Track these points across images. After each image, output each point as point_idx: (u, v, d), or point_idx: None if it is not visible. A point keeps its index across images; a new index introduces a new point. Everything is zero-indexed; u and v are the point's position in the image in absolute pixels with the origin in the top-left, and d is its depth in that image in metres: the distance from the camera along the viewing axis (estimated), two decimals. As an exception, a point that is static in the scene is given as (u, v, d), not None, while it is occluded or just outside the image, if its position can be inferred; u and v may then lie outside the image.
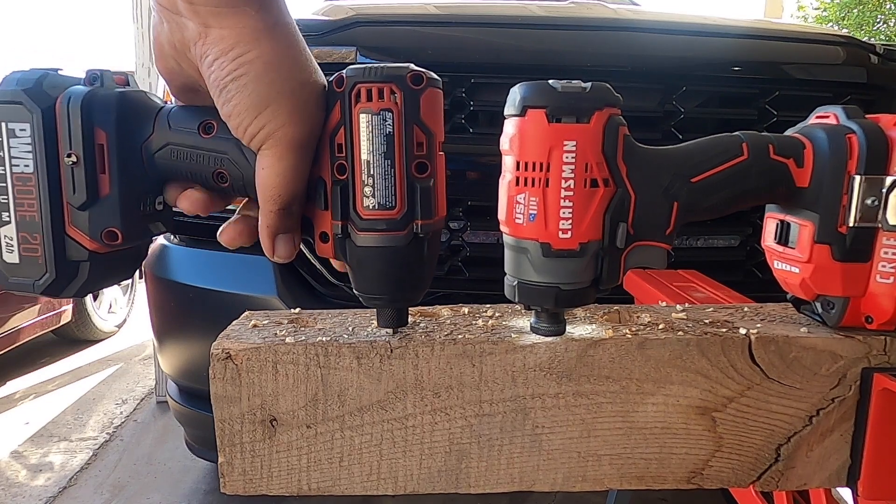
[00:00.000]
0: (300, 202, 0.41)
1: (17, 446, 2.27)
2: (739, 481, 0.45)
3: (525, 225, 0.39)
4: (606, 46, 1.24)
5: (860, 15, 13.99)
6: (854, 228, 0.41)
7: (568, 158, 0.38)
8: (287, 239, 0.41)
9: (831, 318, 0.44)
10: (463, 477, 0.44)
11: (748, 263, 1.30)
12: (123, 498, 1.92)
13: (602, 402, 0.43)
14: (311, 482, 0.44)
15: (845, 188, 0.40)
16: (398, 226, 0.40)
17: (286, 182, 0.39)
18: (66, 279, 0.41)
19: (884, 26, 14.34)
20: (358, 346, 0.42)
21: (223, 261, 1.31)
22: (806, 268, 0.43)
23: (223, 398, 0.43)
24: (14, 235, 0.40)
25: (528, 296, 0.41)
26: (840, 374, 0.43)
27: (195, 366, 1.34)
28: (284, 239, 0.41)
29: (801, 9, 15.65)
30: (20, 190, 0.40)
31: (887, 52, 1.35)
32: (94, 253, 0.41)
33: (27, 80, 0.39)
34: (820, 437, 0.44)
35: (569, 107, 0.37)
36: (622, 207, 0.39)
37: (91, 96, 0.39)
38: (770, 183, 0.41)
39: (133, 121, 0.41)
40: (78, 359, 3.23)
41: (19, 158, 0.39)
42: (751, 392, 0.43)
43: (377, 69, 0.38)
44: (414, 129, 0.39)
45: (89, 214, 0.40)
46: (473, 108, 1.20)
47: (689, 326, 0.45)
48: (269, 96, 0.37)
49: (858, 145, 0.40)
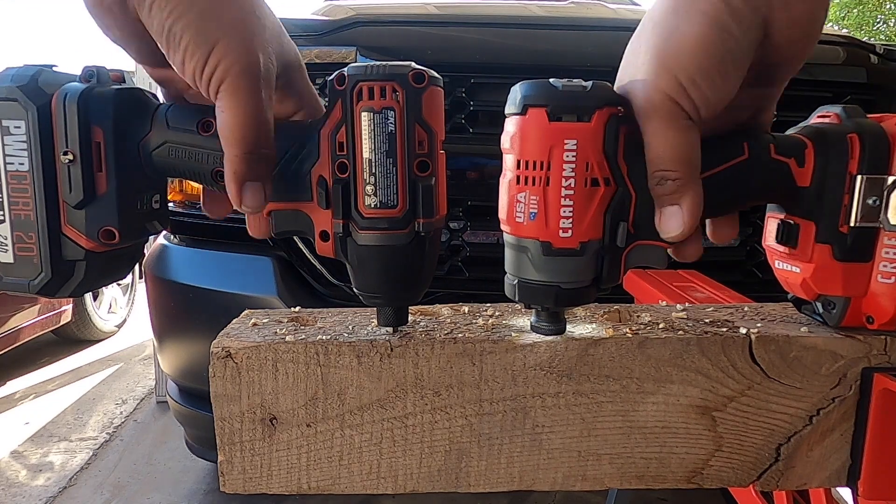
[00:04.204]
0: (268, 144, 0.39)
1: (17, 446, 2.27)
2: (739, 481, 0.45)
3: (525, 224, 0.39)
4: (606, 46, 1.24)
5: (860, 15, 14.00)
6: (855, 228, 0.41)
7: (569, 157, 0.38)
8: (256, 188, 0.39)
9: (832, 318, 0.44)
10: (463, 476, 0.44)
11: (748, 263, 1.30)
12: (123, 498, 1.92)
13: (602, 402, 0.43)
14: (310, 481, 0.44)
15: (846, 188, 0.40)
16: (400, 224, 0.40)
17: (249, 121, 0.37)
18: (62, 279, 0.41)
19: (884, 26, 14.35)
20: (358, 344, 0.42)
21: (223, 261, 1.31)
22: (807, 267, 0.42)
23: (223, 397, 0.42)
24: (8, 234, 0.40)
25: (528, 295, 0.41)
26: (840, 374, 0.43)
27: (195, 366, 1.34)
28: (253, 187, 0.39)
29: (802, 9, 15.63)
30: (15, 188, 0.39)
31: (887, 52, 1.35)
32: (91, 252, 0.41)
33: (22, 76, 0.38)
34: (820, 437, 0.44)
35: (570, 105, 0.37)
36: (623, 207, 0.39)
37: (87, 93, 0.39)
38: (771, 182, 0.41)
39: (130, 118, 0.41)
40: (78, 359, 3.23)
41: (14, 156, 0.39)
42: (751, 391, 0.43)
43: (379, 67, 0.38)
44: (416, 127, 0.39)
45: (86, 213, 0.40)
46: (473, 108, 1.20)
47: (689, 326, 0.45)
48: (218, 30, 0.36)
49: (860, 145, 0.40)
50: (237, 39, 0.36)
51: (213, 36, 0.36)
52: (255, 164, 0.38)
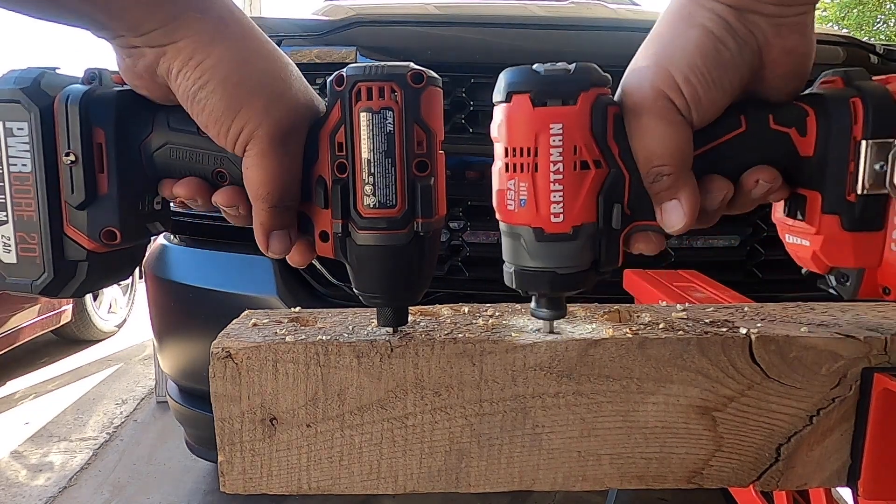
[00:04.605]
0: (293, 196, 0.40)
1: (17, 446, 2.27)
2: (739, 481, 0.45)
3: (517, 211, 0.39)
4: (606, 46, 1.24)
5: (860, 15, 14.00)
6: (863, 196, 0.38)
7: (555, 142, 0.37)
8: (282, 235, 0.41)
9: (846, 290, 0.42)
10: (463, 476, 0.44)
11: (748, 263, 1.30)
12: (123, 498, 1.92)
13: (602, 402, 0.43)
14: (310, 481, 0.44)
15: (851, 154, 0.38)
16: (399, 224, 0.40)
17: (273, 179, 0.39)
18: (65, 279, 0.41)
19: (884, 26, 14.35)
20: (358, 345, 0.42)
21: (223, 261, 1.31)
22: (816, 240, 0.41)
23: (223, 397, 0.42)
24: (11, 235, 0.40)
25: (525, 282, 0.41)
26: (840, 374, 0.43)
27: (195, 366, 1.34)
28: (279, 235, 0.41)
29: (802, 9, 15.62)
30: (18, 189, 0.39)
31: (887, 52, 1.35)
32: (93, 253, 0.41)
33: (25, 78, 0.39)
34: (820, 437, 0.44)
35: (553, 90, 0.37)
36: (616, 188, 0.39)
37: (89, 95, 0.39)
38: (771, 154, 0.40)
39: (132, 120, 0.41)
40: (78, 359, 3.23)
41: (17, 157, 0.39)
42: (751, 391, 0.43)
43: (378, 68, 0.38)
44: (414, 127, 0.39)
45: (88, 214, 0.40)
46: (473, 108, 1.20)
47: (689, 326, 0.45)
48: (239, 97, 0.37)
49: (863, 109, 0.38)
50: (261, 104, 0.38)
51: (237, 102, 0.37)
52: (281, 216, 0.40)
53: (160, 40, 0.36)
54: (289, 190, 0.40)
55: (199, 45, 0.37)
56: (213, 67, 0.37)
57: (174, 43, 0.36)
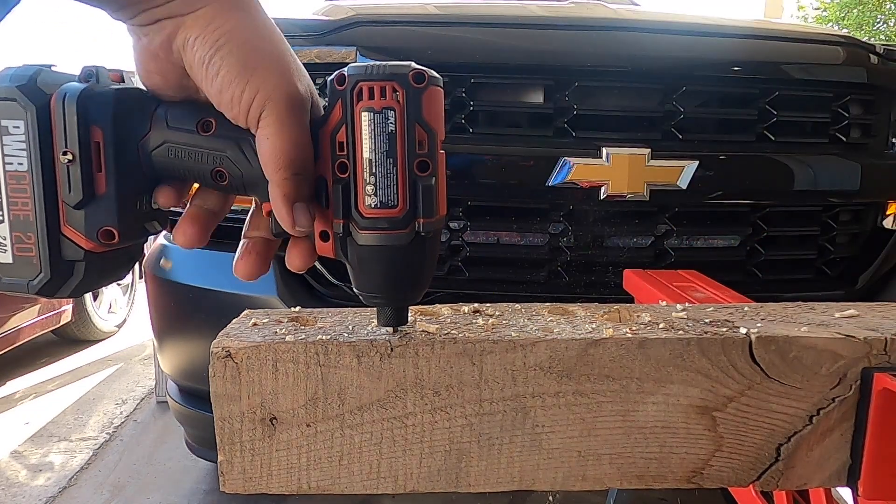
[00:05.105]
0: (312, 167, 0.40)
1: (17, 446, 2.27)
2: (739, 481, 0.45)
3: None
4: (606, 46, 1.24)
5: (860, 15, 14.00)
6: None
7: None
8: (304, 208, 0.39)
9: None
10: (463, 476, 0.44)
11: (748, 263, 1.30)
12: (123, 498, 1.92)
13: (602, 402, 0.43)
14: (310, 481, 0.44)
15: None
16: (400, 224, 0.39)
17: (295, 143, 0.38)
18: (62, 279, 0.41)
19: (884, 26, 14.35)
20: (358, 344, 0.42)
21: (223, 261, 1.31)
22: None
23: (223, 396, 0.42)
24: (7, 235, 0.40)
25: None
26: (840, 374, 0.43)
27: (195, 366, 1.34)
28: (301, 208, 0.39)
29: (801, 9, 15.68)
30: (14, 188, 0.39)
31: (887, 52, 1.35)
32: (90, 252, 0.41)
33: (21, 76, 0.38)
34: (820, 437, 0.44)
35: None
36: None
37: (87, 93, 0.39)
38: None
39: (130, 118, 0.40)
40: (78, 359, 3.23)
41: (13, 156, 0.38)
42: (751, 391, 0.43)
43: (379, 67, 0.38)
44: (416, 127, 0.39)
45: (85, 213, 0.40)
46: (473, 108, 1.20)
47: (689, 326, 0.45)
48: (256, 60, 0.37)
49: None
50: (277, 69, 0.38)
51: (254, 63, 0.37)
52: (302, 186, 0.39)
53: (181, 9, 0.37)
54: (309, 158, 0.39)
55: (218, 11, 0.37)
56: (231, 31, 0.37)
57: (194, 12, 0.37)
